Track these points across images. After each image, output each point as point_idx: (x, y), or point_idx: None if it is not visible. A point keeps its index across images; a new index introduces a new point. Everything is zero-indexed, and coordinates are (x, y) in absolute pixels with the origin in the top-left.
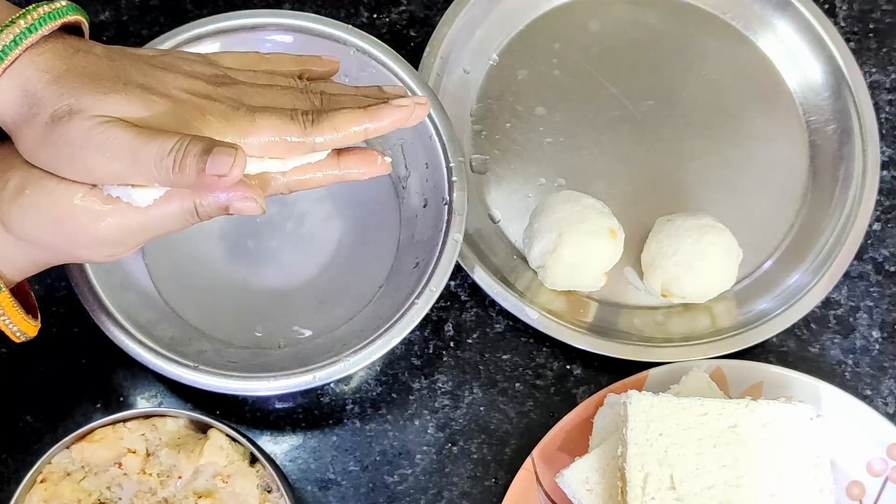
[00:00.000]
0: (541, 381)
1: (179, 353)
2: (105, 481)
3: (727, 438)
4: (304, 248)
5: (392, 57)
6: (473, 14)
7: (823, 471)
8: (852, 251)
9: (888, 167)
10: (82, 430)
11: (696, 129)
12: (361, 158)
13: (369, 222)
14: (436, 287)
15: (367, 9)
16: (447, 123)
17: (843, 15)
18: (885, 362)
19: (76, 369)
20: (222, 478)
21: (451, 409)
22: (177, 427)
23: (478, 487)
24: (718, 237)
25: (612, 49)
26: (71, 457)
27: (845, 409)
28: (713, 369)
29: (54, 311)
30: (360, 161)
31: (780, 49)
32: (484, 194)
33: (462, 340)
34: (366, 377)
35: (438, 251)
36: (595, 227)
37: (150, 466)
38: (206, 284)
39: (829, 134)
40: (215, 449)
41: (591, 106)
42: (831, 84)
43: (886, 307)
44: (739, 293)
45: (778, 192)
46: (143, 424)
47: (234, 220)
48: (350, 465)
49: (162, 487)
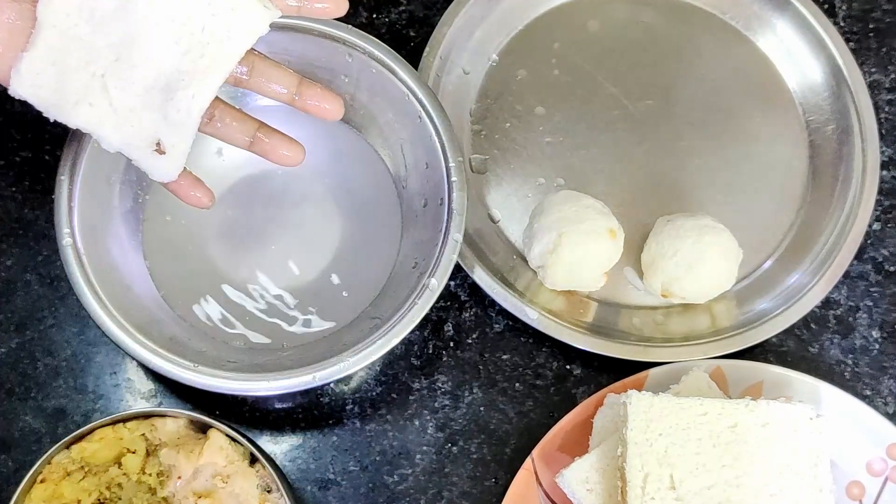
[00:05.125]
0: (540, 381)
1: (179, 352)
2: (105, 481)
3: (727, 438)
4: (304, 249)
5: (392, 57)
6: (473, 14)
7: (823, 471)
8: (852, 251)
9: (888, 167)
10: (82, 430)
11: (696, 129)
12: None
13: (369, 222)
14: (436, 287)
15: (366, 9)
16: (447, 123)
17: (843, 15)
18: (884, 362)
19: (76, 369)
20: (222, 478)
21: (450, 409)
22: (176, 427)
23: (478, 487)
24: (718, 237)
25: (611, 49)
26: (71, 457)
27: (845, 409)
28: (713, 369)
29: (54, 311)
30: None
31: (779, 49)
32: (484, 194)
33: (462, 340)
34: (366, 377)
35: (438, 251)
36: (595, 227)
37: (149, 466)
38: (206, 285)
39: (829, 134)
40: (215, 449)
41: (591, 106)
42: (831, 84)
43: (886, 307)
44: (739, 293)
45: (778, 192)
46: (142, 424)
47: (235, 220)
48: (350, 465)
49: (161, 487)
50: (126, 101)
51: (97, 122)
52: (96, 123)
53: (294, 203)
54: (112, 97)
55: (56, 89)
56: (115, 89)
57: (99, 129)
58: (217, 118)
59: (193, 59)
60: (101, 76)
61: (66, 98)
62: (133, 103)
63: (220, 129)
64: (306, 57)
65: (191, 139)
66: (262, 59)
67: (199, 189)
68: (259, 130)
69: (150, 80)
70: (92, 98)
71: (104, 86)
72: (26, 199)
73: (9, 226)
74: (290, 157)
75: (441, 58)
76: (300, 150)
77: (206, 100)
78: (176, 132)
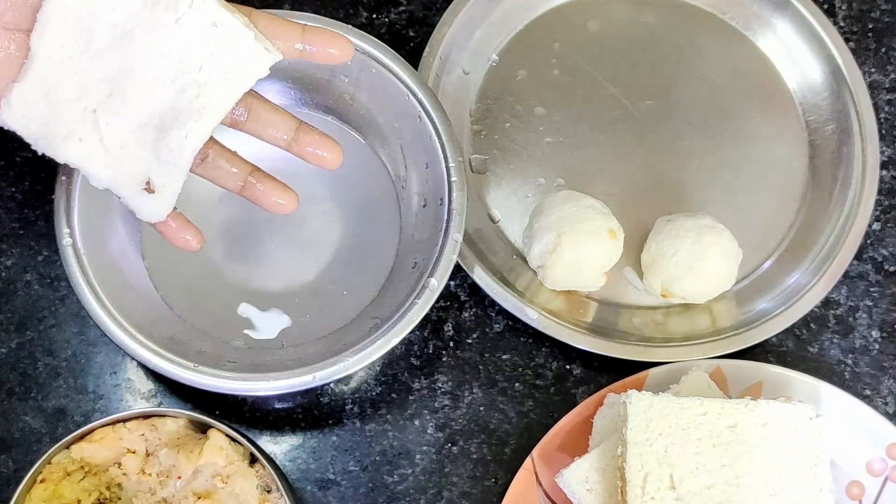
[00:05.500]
0: (540, 381)
1: (179, 352)
2: (105, 481)
3: (727, 438)
4: (304, 249)
5: (392, 57)
6: (473, 14)
7: (823, 471)
8: (852, 251)
9: (887, 167)
10: (82, 430)
11: (696, 129)
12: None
13: (369, 222)
14: (436, 287)
15: (366, 9)
16: (447, 123)
17: (843, 15)
18: (884, 362)
19: (76, 369)
20: (222, 478)
21: (450, 409)
22: (176, 427)
23: (477, 487)
24: (718, 237)
25: (611, 49)
26: (71, 457)
27: (845, 409)
28: (713, 369)
29: (54, 311)
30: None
31: (779, 49)
32: (483, 194)
33: (462, 340)
34: (365, 377)
35: (438, 251)
36: (595, 227)
37: (149, 466)
38: (206, 285)
39: (829, 134)
40: (215, 449)
41: (591, 106)
42: (830, 84)
43: (886, 307)
44: (739, 293)
45: (778, 192)
46: (142, 424)
47: (235, 220)
48: (350, 465)
49: (161, 487)
50: (117, 137)
51: (86, 158)
52: (85, 159)
53: None
54: (103, 133)
55: (46, 122)
56: (106, 125)
57: (87, 166)
58: (210, 159)
59: (189, 99)
60: (93, 111)
61: (55, 131)
62: (124, 140)
63: (211, 171)
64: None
65: (182, 180)
66: (260, 102)
67: (189, 231)
68: (252, 175)
69: (144, 117)
70: (82, 133)
71: (95, 121)
72: (26, 199)
73: (9, 226)
74: (282, 206)
75: (441, 58)
76: (293, 198)
77: (199, 141)
78: (167, 172)
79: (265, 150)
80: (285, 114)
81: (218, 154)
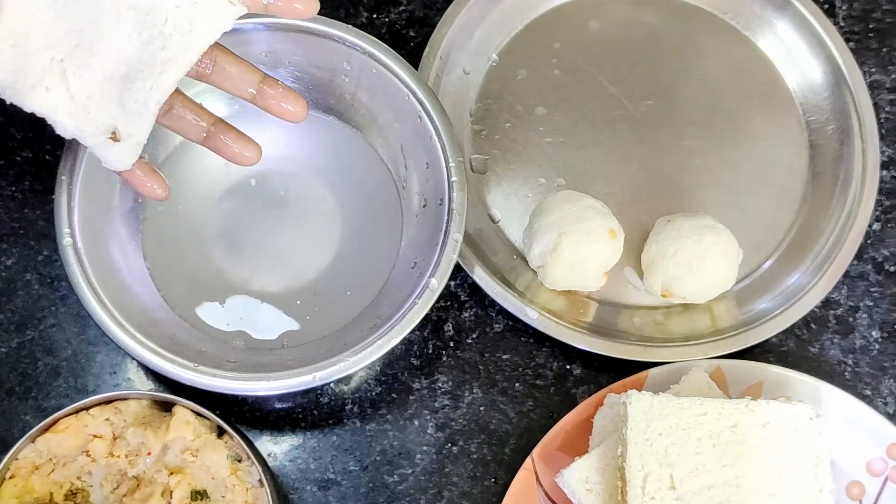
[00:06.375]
0: (540, 381)
1: (179, 352)
2: (75, 471)
3: (727, 438)
4: (304, 249)
5: (392, 57)
6: (473, 14)
7: (823, 471)
8: (852, 251)
9: (888, 167)
10: (46, 422)
11: (696, 129)
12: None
13: (369, 222)
14: (436, 287)
15: (366, 9)
16: (447, 123)
17: (843, 15)
18: (884, 362)
19: (76, 369)
20: (192, 452)
21: (450, 409)
22: (140, 408)
23: (478, 487)
24: (718, 237)
25: (611, 49)
26: (37, 450)
27: (845, 409)
28: (713, 369)
29: (54, 311)
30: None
31: (779, 49)
32: (484, 194)
33: (462, 340)
34: (365, 377)
35: (438, 251)
36: (595, 227)
37: (117, 449)
38: (206, 284)
39: (829, 134)
40: (181, 423)
41: (591, 106)
42: (831, 84)
43: (886, 307)
44: (739, 293)
45: (778, 192)
46: (106, 409)
47: (236, 220)
48: (350, 465)
49: (132, 467)
50: (83, 87)
51: (52, 107)
52: (51, 108)
53: (294, 203)
54: (70, 83)
55: (13, 71)
56: (73, 76)
57: (54, 114)
58: (175, 111)
59: (154, 51)
60: (60, 61)
61: (23, 81)
62: (91, 91)
63: (176, 121)
64: (307, 57)
65: (147, 130)
66: (225, 55)
67: (155, 180)
68: (214, 125)
69: (110, 68)
70: (49, 82)
71: (62, 71)
72: (26, 199)
73: (9, 226)
74: (246, 157)
75: (441, 58)
76: (256, 150)
77: (164, 92)
78: (133, 122)
79: (267, 149)
80: (249, 66)
81: (183, 105)
